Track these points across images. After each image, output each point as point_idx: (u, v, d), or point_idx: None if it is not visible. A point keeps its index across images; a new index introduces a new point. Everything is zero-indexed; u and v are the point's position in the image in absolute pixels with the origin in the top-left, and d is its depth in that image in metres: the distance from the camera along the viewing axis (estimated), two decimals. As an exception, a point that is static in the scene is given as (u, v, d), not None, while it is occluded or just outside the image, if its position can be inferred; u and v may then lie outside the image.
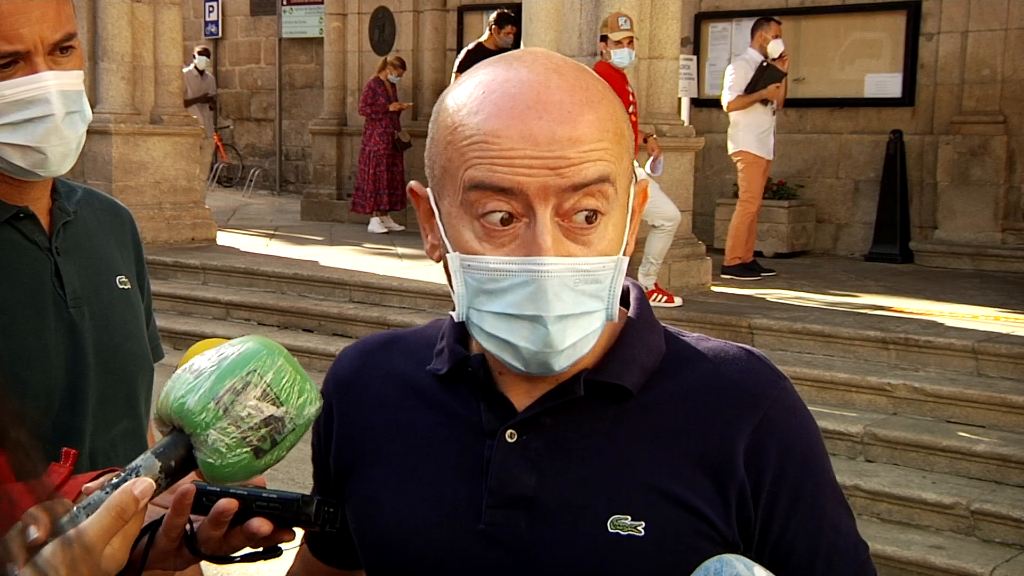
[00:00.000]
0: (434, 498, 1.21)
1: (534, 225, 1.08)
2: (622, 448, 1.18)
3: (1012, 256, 9.62)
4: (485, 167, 1.08)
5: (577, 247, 1.10)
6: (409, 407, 1.27)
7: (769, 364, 1.23)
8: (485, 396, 1.21)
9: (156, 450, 1.11)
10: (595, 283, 1.11)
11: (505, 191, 1.08)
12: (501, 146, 1.08)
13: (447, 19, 13.45)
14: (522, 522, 1.17)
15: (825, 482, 1.22)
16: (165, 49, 10.52)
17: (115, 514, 1.05)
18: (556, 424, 1.19)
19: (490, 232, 1.10)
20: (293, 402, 1.13)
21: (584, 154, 1.08)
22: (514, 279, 1.09)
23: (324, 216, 13.34)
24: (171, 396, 1.12)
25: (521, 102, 1.09)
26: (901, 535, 4.97)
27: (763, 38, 8.80)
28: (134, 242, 1.89)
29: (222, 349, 1.14)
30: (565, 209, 1.09)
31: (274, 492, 1.15)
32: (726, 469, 1.16)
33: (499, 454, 1.19)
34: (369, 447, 1.29)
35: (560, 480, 1.17)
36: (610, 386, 1.18)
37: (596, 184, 1.09)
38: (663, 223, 7.23)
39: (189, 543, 1.16)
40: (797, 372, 6.23)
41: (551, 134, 1.08)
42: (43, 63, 1.58)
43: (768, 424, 1.18)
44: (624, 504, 1.15)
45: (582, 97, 1.11)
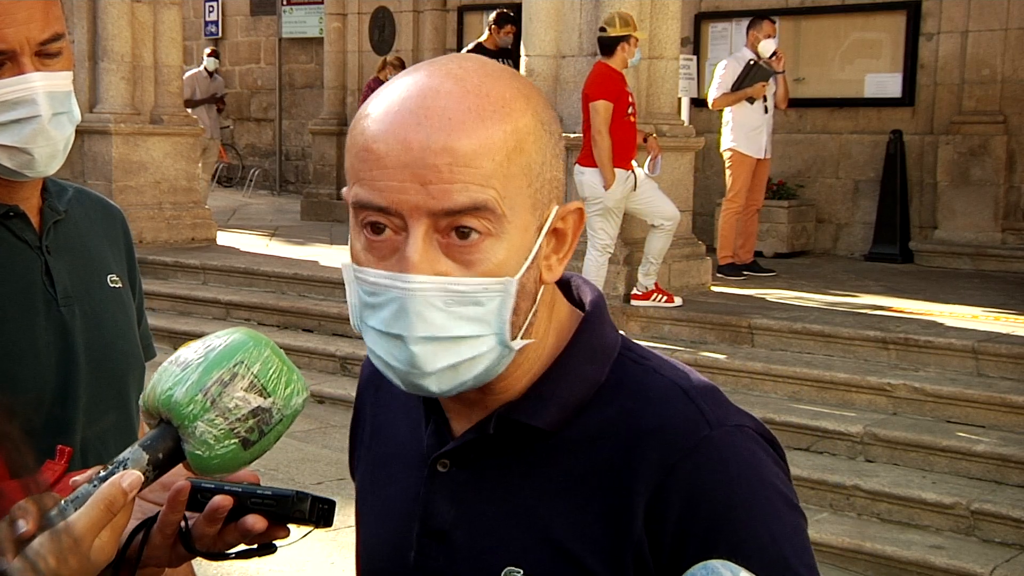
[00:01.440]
0: (391, 518, 1.22)
1: (407, 238, 1.04)
2: (530, 492, 1.13)
3: (1012, 256, 9.63)
4: (367, 183, 1.04)
5: (455, 266, 1.04)
6: (398, 417, 1.27)
7: (701, 409, 1.10)
8: (432, 418, 1.20)
9: (144, 443, 1.11)
10: (475, 305, 1.05)
11: (383, 209, 1.04)
12: (378, 154, 1.04)
13: (447, 19, 13.46)
14: (440, 555, 1.16)
15: (753, 548, 1.04)
16: (165, 49, 10.53)
17: (103, 507, 1.05)
18: (479, 458, 1.15)
19: (371, 243, 1.06)
20: (280, 393, 1.13)
21: (457, 171, 1.02)
22: (387, 295, 1.05)
23: (324, 216, 13.34)
24: (158, 388, 1.11)
25: (406, 107, 1.04)
26: (901, 535, 4.97)
27: (755, 37, 8.83)
28: (125, 241, 1.89)
29: (208, 341, 1.14)
30: (441, 226, 1.03)
31: (269, 489, 1.15)
32: (624, 525, 1.08)
33: (428, 483, 1.18)
34: (368, 451, 1.31)
35: (472, 520, 1.15)
36: (524, 425, 1.12)
37: (468, 212, 1.03)
38: (662, 223, 7.23)
39: (184, 540, 1.16)
40: (797, 372, 6.23)
41: (425, 141, 1.02)
42: (30, 64, 1.57)
43: (675, 479, 1.06)
44: (518, 556, 1.11)
45: (474, 106, 1.04)
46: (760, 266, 9.00)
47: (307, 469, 5.76)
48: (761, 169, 8.99)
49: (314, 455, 6.02)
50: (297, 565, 4.59)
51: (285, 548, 1.21)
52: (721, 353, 6.67)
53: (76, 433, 1.66)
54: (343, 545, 4.81)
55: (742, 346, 6.83)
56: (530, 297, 1.09)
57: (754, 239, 9.18)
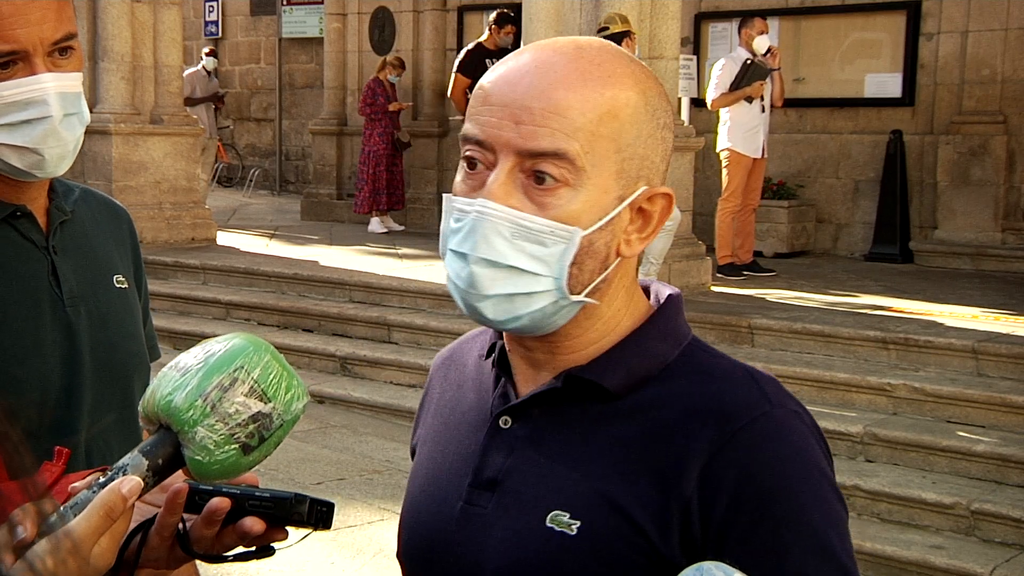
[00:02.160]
0: (444, 474, 1.26)
1: (494, 172, 1.13)
2: (587, 448, 1.17)
3: (1012, 256, 9.62)
4: (473, 118, 1.14)
5: (530, 205, 1.12)
6: (465, 391, 1.32)
7: (764, 390, 1.16)
8: (501, 381, 1.26)
9: (143, 448, 1.11)
10: (538, 245, 1.12)
11: (480, 143, 1.13)
12: (487, 92, 1.14)
13: (447, 19, 13.45)
14: (488, 504, 1.20)
15: (802, 527, 1.09)
16: (165, 49, 10.52)
17: (103, 513, 1.05)
18: (541, 415, 1.21)
19: (466, 176, 1.16)
20: (280, 398, 1.13)
21: (548, 117, 1.10)
22: (466, 219, 1.13)
23: (324, 216, 13.34)
24: (158, 394, 1.11)
25: (523, 59, 1.15)
26: (901, 535, 4.97)
27: (748, 35, 8.83)
28: (131, 242, 1.89)
29: (208, 346, 1.14)
30: (526, 166, 1.12)
31: (267, 491, 1.15)
32: (673, 485, 1.12)
33: (488, 438, 1.23)
34: (431, 427, 1.35)
35: (525, 468, 1.19)
36: (590, 384, 1.18)
37: (550, 157, 1.11)
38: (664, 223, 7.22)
39: (182, 542, 1.16)
40: (797, 372, 6.23)
41: (528, 85, 1.12)
42: (42, 64, 1.58)
43: (733, 448, 1.11)
44: (566, 501, 1.16)
45: (581, 68, 1.13)
46: (760, 266, 9.00)
47: (307, 469, 5.75)
48: (757, 169, 8.98)
49: (314, 455, 6.01)
50: (297, 566, 4.59)
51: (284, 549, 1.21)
52: (721, 353, 6.66)
53: (80, 433, 1.66)
54: (343, 546, 4.81)
55: (742, 346, 6.83)
56: (599, 258, 1.15)
57: (752, 239, 9.18)
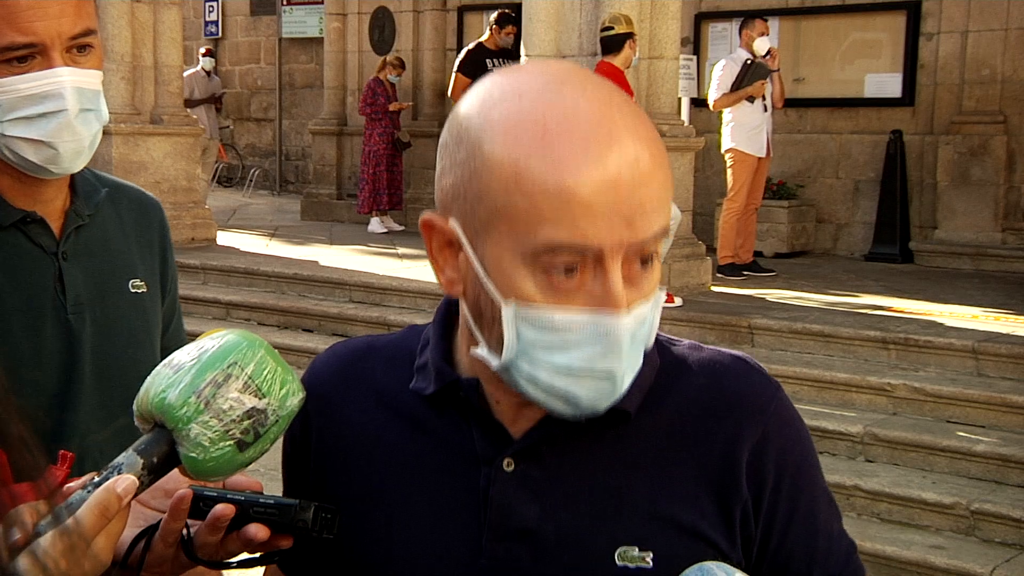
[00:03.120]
0: (430, 531, 1.17)
1: (604, 279, 1.02)
2: (622, 473, 1.14)
3: (1012, 256, 9.62)
4: (566, 225, 1.00)
5: (636, 292, 1.05)
6: (396, 430, 1.21)
7: (765, 374, 1.21)
8: (479, 422, 1.16)
9: (138, 447, 1.10)
10: (647, 325, 1.09)
11: (583, 250, 1.01)
12: (582, 196, 0.99)
13: (447, 19, 13.44)
14: (525, 555, 1.13)
15: (818, 489, 1.21)
16: (165, 49, 10.52)
17: (98, 512, 1.04)
18: (554, 452, 1.14)
19: (556, 284, 1.03)
20: (275, 394, 1.11)
21: (655, 204, 1.03)
22: (582, 334, 1.03)
23: (324, 216, 13.33)
24: (151, 391, 1.10)
25: (593, 142, 1.00)
26: (901, 535, 4.97)
27: (749, 36, 8.83)
28: (161, 241, 1.86)
29: (202, 343, 1.12)
30: (630, 256, 1.04)
31: (271, 497, 1.14)
32: (730, 488, 1.14)
33: (498, 485, 1.14)
34: (356, 473, 1.22)
35: (562, 511, 1.13)
36: (610, 410, 1.11)
37: (656, 239, 1.04)
38: (663, 223, 7.22)
39: (186, 548, 1.15)
40: (797, 372, 6.23)
41: (631, 180, 1.00)
42: (59, 59, 1.57)
43: (767, 439, 1.16)
44: (629, 534, 1.12)
45: (644, 134, 1.04)
46: (760, 266, 8.99)
47: (307, 470, 5.73)
48: (762, 168, 8.99)
49: (314, 456, 5.99)
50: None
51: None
52: (721, 353, 6.66)
53: (76, 441, 1.64)
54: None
55: (742, 346, 6.83)
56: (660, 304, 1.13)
57: (753, 239, 9.18)
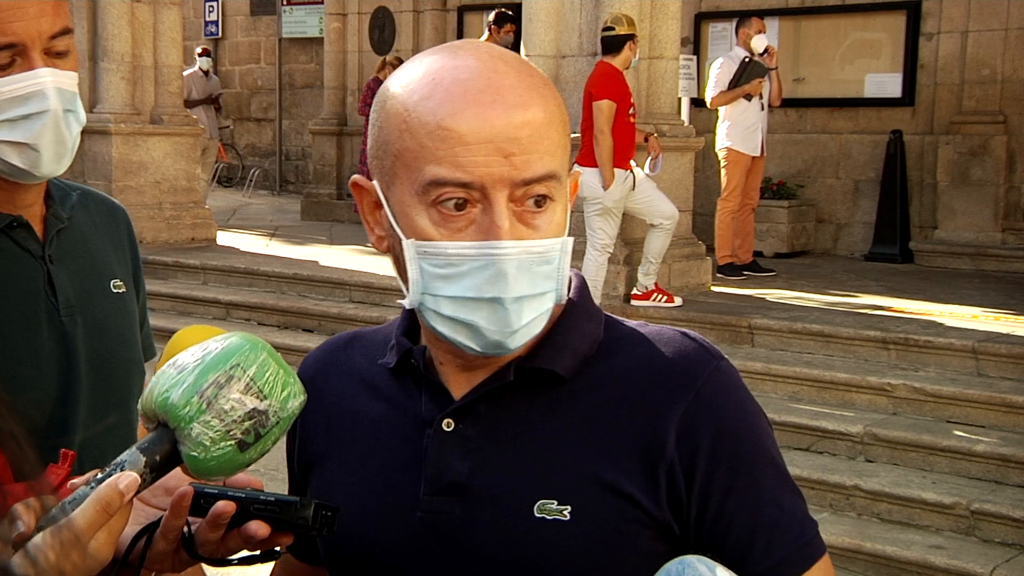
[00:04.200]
0: (379, 488, 1.24)
1: (491, 211, 1.12)
2: (553, 433, 1.19)
3: (1012, 256, 9.62)
4: (447, 162, 1.11)
5: (528, 230, 1.13)
6: (363, 400, 1.30)
7: (705, 345, 1.23)
8: (427, 386, 1.24)
9: (141, 445, 1.11)
10: (546, 264, 1.15)
11: (466, 185, 1.11)
12: (459, 132, 1.10)
13: (447, 19, 13.46)
14: (456, 509, 1.19)
15: (765, 461, 1.20)
16: (165, 49, 10.53)
17: (100, 508, 1.05)
18: (490, 411, 1.21)
19: (447, 218, 1.13)
20: (276, 395, 1.13)
21: (535, 142, 1.12)
22: (473, 263, 1.12)
23: (324, 216, 13.34)
24: (155, 391, 1.12)
25: (473, 86, 1.12)
26: (901, 535, 4.97)
27: (746, 34, 8.85)
28: (130, 242, 1.88)
29: (206, 344, 1.14)
30: (517, 196, 1.13)
31: (272, 495, 1.15)
32: (656, 449, 1.17)
33: (435, 442, 1.22)
34: (326, 441, 1.32)
35: (492, 466, 1.19)
36: (542, 372, 1.20)
37: (543, 180, 1.13)
38: (661, 222, 7.24)
39: (187, 545, 1.16)
40: (797, 372, 6.23)
41: (505, 116, 1.11)
42: (40, 59, 1.58)
43: (700, 404, 1.18)
44: (551, 488, 1.16)
45: (532, 83, 1.14)
46: (760, 266, 9.00)
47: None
48: (756, 167, 8.99)
49: (314, 455, 6.00)
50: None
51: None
52: (721, 353, 6.66)
53: (75, 440, 1.65)
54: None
55: (742, 346, 6.84)
56: (569, 254, 1.19)
57: (752, 238, 9.18)
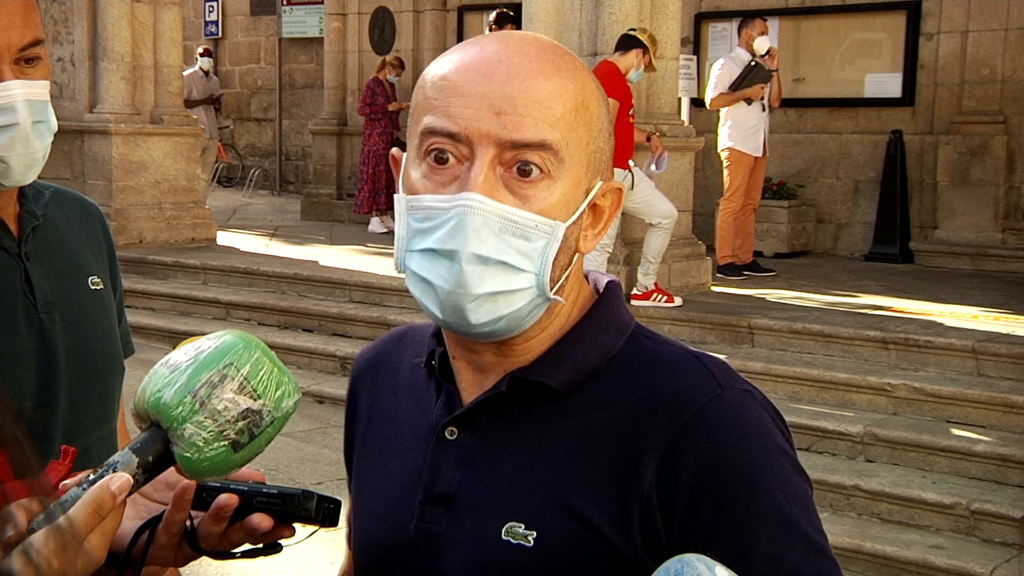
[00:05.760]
0: (391, 491, 1.23)
1: (472, 166, 1.07)
2: (539, 452, 1.14)
3: (1012, 256, 9.62)
4: (440, 111, 1.08)
5: (513, 199, 1.08)
6: (400, 399, 1.28)
7: (714, 372, 1.13)
8: (443, 389, 1.22)
9: (133, 445, 1.10)
10: (523, 239, 1.08)
11: (453, 135, 1.07)
12: (456, 83, 1.08)
13: (447, 19, 13.45)
14: (442, 520, 1.17)
15: (766, 508, 1.06)
16: (165, 49, 10.53)
17: (92, 509, 1.04)
18: (490, 422, 1.17)
19: (433, 171, 1.09)
20: (271, 395, 1.12)
21: (531, 107, 1.07)
22: (443, 216, 1.07)
23: (324, 216, 13.34)
24: (148, 391, 1.10)
25: (489, 53, 1.10)
26: (901, 535, 4.97)
27: (749, 35, 8.85)
28: (105, 240, 1.87)
29: (199, 343, 1.13)
30: (506, 159, 1.08)
31: (274, 487, 1.15)
32: (632, 481, 1.09)
33: (435, 451, 1.19)
34: (364, 437, 1.31)
35: (478, 480, 1.16)
36: (537, 384, 1.14)
37: (534, 147, 1.07)
38: (660, 221, 7.24)
39: (189, 539, 1.16)
40: (797, 372, 6.23)
41: (506, 75, 1.08)
42: (9, 71, 1.55)
43: (688, 436, 1.08)
44: (521, 511, 1.12)
45: (552, 59, 1.11)
46: (760, 266, 9.00)
47: (307, 469, 5.76)
48: (758, 167, 9.00)
49: (314, 455, 6.01)
50: (298, 565, 4.59)
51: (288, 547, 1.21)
52: (721, 353, 6.67)
53: (56, 438, 1.63)
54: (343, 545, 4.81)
55: (742, 346, 6.84)
56: (569, 254, 1.12)
57: (752, 238, 9.18)
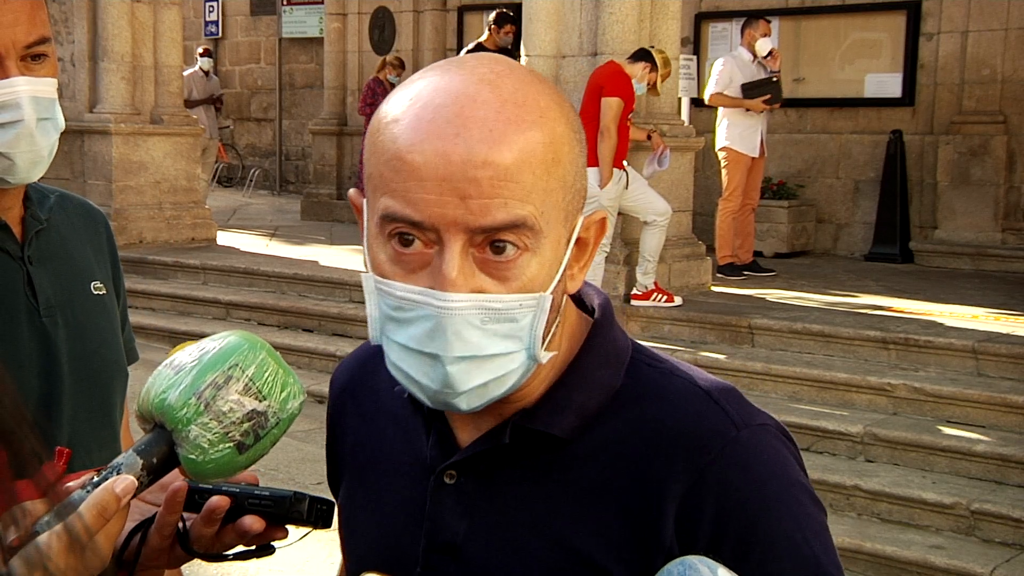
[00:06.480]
0: (390, 528, 1.19)
1: (442, 256, 0.99)
2: (547, 501, 1.09)
3: (1012, 256, 9.62)
4: (400, 196, 0.99)
5: (491, 282, 1.01)
6: (384, 423, 1.23)
7: (727, 410, 1.09)
8: (435, 427, 1.16)
9: (138, 447, 1.10)
10: (509, 322, 1.01)
11: (417, 224, 0.99)
12: (414, 165, 0.99)
13: (447, 19, 13.46)
14: (453, 571, 1.12)
15: (785, 554, 1.05)
16: (165, 49, 10.53)
17: (96, 512, 1.03)
18: (490, 469, 1.12)
19: (399, 256, 1.02)
20: (276, 396, 1.11)
21: (498, 186, 0.98)
22: (419, 311, 1.01)
23: (324, 216, 13.34)
24: (152, 392, 1.10)
25: (442, 115, 0.99)
26: (901, 535, 4.97)
27: (751, 36, 8.86)
28: (108, 245, 1.87)
29: (203, 344, 1.12)
30: (477, 241, 1.00)
31: (266, 489, 1.14)
32: (650, 530, 1.05)
33: (435, 496, 1.14)
34: (352, 457, 1.27)
35: (487, 532, 1.11)
36: (541, 434, 1.09)
37: (508, 229, 0.99)
38: (654, 219, 7.25)
39: (181, 541, 1.16)
40: (797, 372, 6.23)
41: (465, 154, 0.97)
42: (15, 68, 1.55)
43: (707, 485, 1.05)
44: (539, 567, 1.08)
45: (513, 116, 0.99)
46: (760, 266, 9.00)
47: (307, 469, 5.75)
48: (756, 167, 8.99)
49: (314, 455, 6.01)
50: (297, 566, 4.59)
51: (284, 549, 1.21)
52: (721, 353, 6.67)
53: (61, 442, 1.61)
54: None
55: (742, 346, 6.83)
56: (556, 309, 1.06)
57: (752, 238, 9.18)
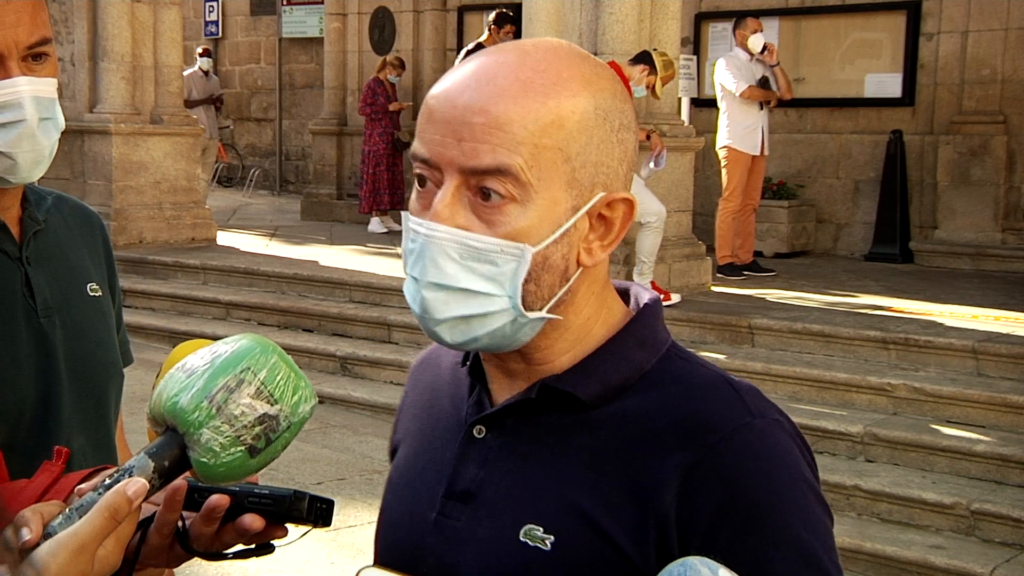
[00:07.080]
0: (416, 483, 1.24)
1: (439, 192, 1.10)
2: (562, 460, 1.14)
3: (1012, 256, 9.62)
4: (420, 136, 1.12)
5: (478, 223, 1.09)
6: (441, 394, 1.29)
7: (746, 399, 1.13)
8: (476, 388, 1.23)
9: (149, 450, 1.10)
10: (488, 264, 1.08)
11: (426, 161, 1.10)
12: (431, 109, 1.11)
13: (447, 19, 13.46)
14: (462, 516, 1.18)
15: (785, 539, 1.07)
16: (165, 49, 10.53)
17: (108, 515, 1.04)
18: (516, 425, 1.18)
19: (419, 194, 1.13)
20: (288, 400, 1.12)
21: (488, 132, 1.07)
22: (415, 239, 1.11)
23: (324, 216, 13.34)
24: (164, 395, 1.10)
25: (466, 71, 1.11)
26: (901, 535, 4.97)
27: (743, 35, 8.88)
28: (104, 247, 1.87)
29: (215, 347, 1.12)
30: (471, 184, 1.09)
31: (266, 488, 1.15)
32: (650, 499, 1.09)
33: (461, 447, 1.20)
34: (406, 429, 1.33)
35: (499, 480, 1.17)
36: (566, 395, 1.15)
37: (492, 173, 1.07)
38: (649, 219, 7.25)
39: (181, 540, 1.16)
40: (797, 372, 6.23)
41: (468, 101, 1.08)
42: (17, 68, 1.55)
43: (714, 462, 1.08)
44: (541, 515, 1.13)
45: (523, 77, 1.09)
46: (760, 266, 9.00)
47: (307, 469, 5.75)
48: (757, 167, 8.99)
49: (314, 455, 6.01)
50: (297, 565, 4.59)
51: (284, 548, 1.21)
52: (721, 353, 6.67)
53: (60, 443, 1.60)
54: (343, 545, 4.81)
55: (742, 346, 6.83)
56: (557, 272, 1.11)
57: (752, 238, 9.18)
